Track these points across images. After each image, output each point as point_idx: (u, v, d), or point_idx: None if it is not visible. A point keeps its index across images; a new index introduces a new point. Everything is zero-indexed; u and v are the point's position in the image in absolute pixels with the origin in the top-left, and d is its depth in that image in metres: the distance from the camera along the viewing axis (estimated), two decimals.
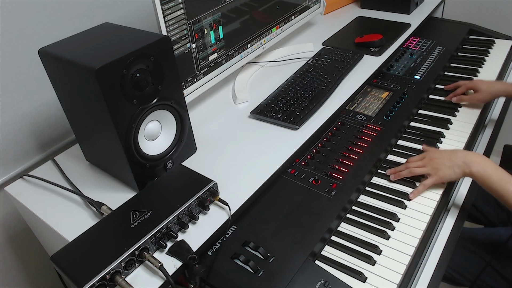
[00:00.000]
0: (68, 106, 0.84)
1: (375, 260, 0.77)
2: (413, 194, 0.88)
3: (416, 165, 0.90)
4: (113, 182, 0.87)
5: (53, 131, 1.09)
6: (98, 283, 0.62)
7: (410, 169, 0.90)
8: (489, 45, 1.43)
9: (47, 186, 0.88)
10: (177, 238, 0.72)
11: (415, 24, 1.45)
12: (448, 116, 1.12)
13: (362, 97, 1.17)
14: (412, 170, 0.89)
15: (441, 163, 0.86)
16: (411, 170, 0.90)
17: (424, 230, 0.82)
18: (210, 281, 0.71)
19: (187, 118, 0.86)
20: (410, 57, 1.34)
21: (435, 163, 0.87)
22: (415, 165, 0.90)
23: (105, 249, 0.66)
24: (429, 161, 0.89)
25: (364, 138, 1.01)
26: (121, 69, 0.70)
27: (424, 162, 0.89)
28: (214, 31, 1.01)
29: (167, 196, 0.76)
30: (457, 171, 0.85)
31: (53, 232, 0.78)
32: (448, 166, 0.86)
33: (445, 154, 0.88)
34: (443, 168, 0.86)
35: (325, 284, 0.70)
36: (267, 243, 0.76)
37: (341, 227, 0.84)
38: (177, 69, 0.80)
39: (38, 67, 1.00)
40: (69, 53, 0.73)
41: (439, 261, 0.79)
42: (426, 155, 0.91)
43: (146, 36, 0.76)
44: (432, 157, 0.89)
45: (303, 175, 0.91)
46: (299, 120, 0.99)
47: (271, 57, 1.32)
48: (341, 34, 1.45)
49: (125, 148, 0.75)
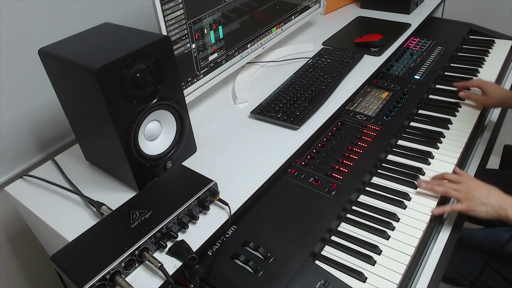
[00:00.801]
0: (68, 106, 0.84)
1: (375, 260, 0.77)
2: (436, 211, 0.86)
3: (452, 187, 0.88)
4: (113, 182, 0.87)
5: (53, 131, 1.09)
6: (98, 283, 0.62)
7: (446, 189, 0.88)
8: (489, 45, 1.43)
9: (47, 186, 0.88)
10: (177, 238, 0.72)
11: (415, 24, 1.45)
12: (448, 116, 1.12)
13: (362, 97, 1.17)
14: (449, 191, 0.87)
15: (477, 196, 0.84)
16: (447, 191, 0.87)
17: (424, 230, 0.82)
18: (210, 281, 0.71)
19: (187, 118, 0.86)
20: (410, 57, 1.34)
21: (470, 195, 0.85)
22: (451, 186, 0.88)
23: (105, 249, 0.66)
24: (465, 189, 0.86)
25: (364, 138, 1.01)
26: (121, 69, 0.70)
27: (460, 187, 0.87)
28: (214, 31, 1.01)
29: (167, 196, 0.76)
30: (490, 211, 0.83)
31: (53, 232, 0.78)
32: (482, 202, 0.84)
33: (483, 189, 0.86)
34: (476, 203, 0.84)
35: (325, 284, 0.70)
36: (267, 243, 0.76)
37: (341, 227, 0.84)
38: (177, 69, 0.80)
39: (38, 67, 1.00)
40: (69, 53, 0.73)
41: (439, 261, 0.79)
42: (463, 181, 0.88)
43: (146, 36, 0.76)
44: (469, 186, 0.87)
45: (303, 175, 0.91)
46: (299, 120, 0.99)
47: (271, 57, 1.32)
48: (341, 34, 1.45)
49: (125, 148, 0.75)
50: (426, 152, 1.00)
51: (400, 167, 0.97)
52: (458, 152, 1.00)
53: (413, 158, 0.99)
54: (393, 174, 0.96)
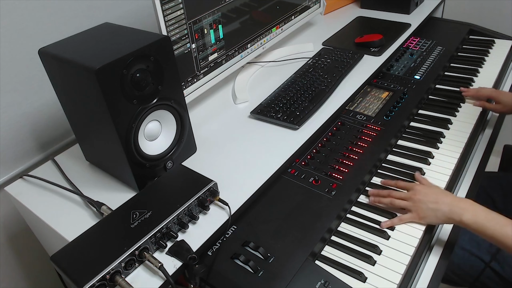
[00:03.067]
0: (68, 106, 0.84)
1: (375, 260, 0.77)
2: (385, 224, 0.82)
3: (399, 196, 0.84)
4: (113, 182, 0.88)
5: (53, 131, 1.09)
6: (98, 283, 0.62)
7: (391, 200, 0.84)
8: (489, 45, 1.43)
9: (47, 186, 0.88)
10: (177, 238, 0.72)
11: (415, 24, 1.45)
12: (448, 116, 1.12)
13: (362, 97, 1.17)
14: (393, 201, 0.84)
15: (425, 202, 0.80)
16: (392, 201, 0.84)
17: (424, 231, 0.82)
18: (210, 281, 0.71)
19: (187, 118, 0.86)
20: (410, 57, 1.34)
21: (418, 201, 0.81)
22: (398, 195, 0.84)
23: (105, 249, 0.66)
24: (413, 196, 0.82)
25: (364, 138, 1.01)
26: (121, 69, 0.70)
27: (408, 195, 0.83)
28: (214, 31, 1.01)
29: (167, 196, 0.76)
30: (440, 217, 0.79)
31: (53, 232, 0.78)
32: (431, 208, 0.79)
33: (432, 194, 0.81)
34: (425, 209, 0.80)
35: (325, 284, 0.70)
36: (267, 243, 0.76)
37: (341, 227, 0.84)
38: (177, 69, 0.80)
39: (38, 67, 1.00)
40: (69, 53, 0.73)
41: (439, 262, 0.79)
42: (413, 187, 0.84)
43: (146, 36, 0.76)
44: (418, 192, 0.82)
45: (303, 175, 0.91)
46: (299, 120, 0.99)
47: (271, 57, 1.32)
48: (341, 34, 1.45)
49: (125, 148, 0.75)
50: (426, 152, 1.00)
51: (400, 167, 0.97)
52: (458, 152, 1.00)
53: (413, 158, 0.99)
54: (393, 174, 0.96)
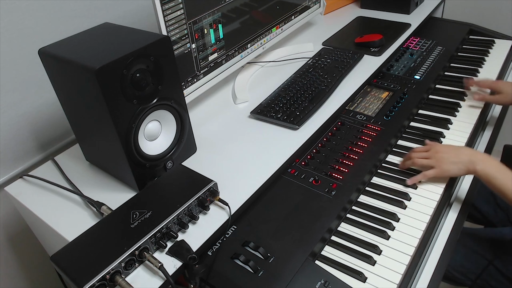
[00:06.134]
0: (68, 106, 0.84)
1: (375, 260, 0.77)
2: (410, 181, 0.87)
3: (421, 155, 0.89)
4: (113, 182, 0.87)
5: (53, 131, 1.09)
6: (98, 283, 0.62)
7: (413, 160, 0.89)
8: (489, 45, 1.43)
9: (47, 186, 0.88)
10: (177, 238, 0.72)
11: (415, 24, 1.45)
12: (448, 116, 1.12)
13: (362, 97, 1.17)
14: (416, 161, 0.89)
15: (447, 157, 0.86)
16: (414, 161, 0.89)
17: (424, 230, 0.82)
18: (210, 281, 0.71)
19: (187, 118, 0.86)
20: (410, 57, 1.34)
21: (440, 157, 0.86)
22: (420, 155, 0.89)
23: (105, 249, 0.66)
24: (434, 154, 0.88)
25: (364, 138, 1.01)
26: (121, 69, 0.70)
27: (429, 154, 0.88)
28: (214, 31, 1.01)
29: (167, 196, 0.76)
30: (461, 167, 0.84)
31: (53, 232, 0.78)
32: (453, 161, 0.85)
33: (451, 149, 0.87)
34: (447, 163, 0.85)
35: (325, 284, 0.70)
36: (267, 243, 0.76)
37: (341, 227, 0.84)
38: (177, 69, 0.80)
39: (38, 67, 1.00)
40: (69, 53, 0.73)
41: (439, 261, 0.79)
42: (431, 147, 0.90)
43: (146, 36, 0.76)
44: (438, 150, 0.88)
45: (303, 175, 0.91)
46: (299, 120, 0.99)
47: (271, 57, 1.32)
48: (341, 34, 1.45)
49: (125, 148, 0.75)
50: None
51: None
52: None
53: None
54: (393, 174, 0.95)
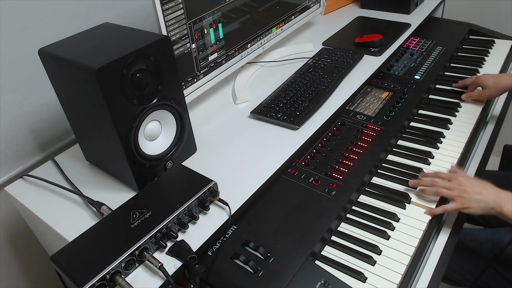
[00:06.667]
0: (68, 106, 0.84)
1: (375, 260, 0.77)
2: (429, 212, 0.85)
3: (444, 185, 0.85)
4: (113, 182, 0.87)
5: (53, 131, 1.09)
6: (98, 283, 0.62)
7: (437, 189, 0.85)
8: (489, 45, 1.43)
9: (47, 186, 0.88)
10: (177, 238, 0.72)
11: (415, 24, 1.45)
12: (448, 116, 1.12)
13: (362, 97, 1.17)
14: (440, 190, 0.85)
15: (470, 192, 0.82)
16: (438, 191, 0.85)
17: (424, 231, 0.82)
18: (210, 281, 0.71)
19: (187, 118, 0.86)
20: (410, 57, 1.34)
21: (462, 191, 0.83)
22: (443, 185, 0.85)
23: (105, 249, 0.66)
24: (457, 186, 0.84)
25: (364, 138, 1.01)
26: (121, 69, 0.70)
27: (452, 185, 0.85)
28: (214, 31, 1.01)
29: (167, 196, 0.76)
30: (484, 207, 0.81)
31: (53, 232, 0.78)
32: (476, 199, 0.81)
33: (476, 185, 0.84)
34: (469, 199, 0.82)
35: (325, 284, 0.70)
36: (267, 243, 0.76)
37: (341, 227, 0.84)
38: (177, 69, 0.80)
39: (38, 67, 1.00)
40: (69, 53, 0.73)
41: (439, 261, 0.79)
42: (455, 178, 0.86)
43: (146, 36, 0.76)
44: (462, 183, 0.84)
45: (303, 175, 0.91)
46: (299, 120, 0.99)
47: (271, 57, 1.32)
48: (341, 34, 1.45)
49: (125, 148, 0.75)
50: (426, 152, 1.00)
51: (400, 167, 0.97)
52: (458, 152, 1.00)
53: (413, 158, 0.99)
54: (393, 174, 0.96)
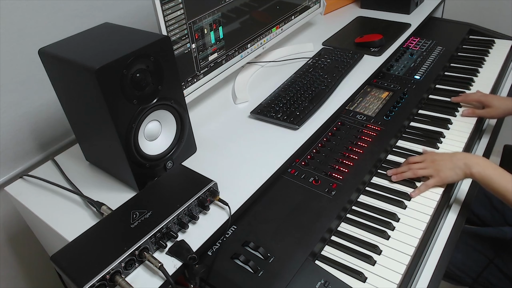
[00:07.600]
0: (68, 106, 0.84)
1: (375, 260, 0.77)
2: (414, 193, 0.89)
3: (418, 166, 0.91)
4: (113, 182, 0.87)
5: (53, 131, 1.09)
6: (98, 283, 0.62)
7: (413, 171, 0.91)
8: (489, 45, 1.43)
9: (47, 186, 0.88)
10: (177, 238, 0.72)
11: (415, 24, 1.45)
12: (448, 116, 1.12)
13: (362, 97, 1.17)
14: (415, 171, 0.91)
15: (443, 165, 0.88)
16: (415, 172, 0.91)
17: (424, 230, 0.82)
18: (210, 281, 0.71)
19: (187, 118, 0.86)
20: (410, 57, 1.34)
21: (436, 165, 0.89)
22: (417, 166, 0.91)
23: (105, 249, 0.66)
24: (430, 163, 0.90)
25: (364, 138, 1.01)
26: (121, 69, 0.70)
27: (426, 164, 0.91)
28: (214, 31, 1.01)
29: (167, 196, 0.76)
30: (458, 173, 0.86)
31: (53, 232, 0.78)
32: (449, 168, 0.87)
33: (446, 156, 0.90)
34: (445, 170, 0.88)
35: (325, 284, 0.70)
36: (267, 243, 0.76)
37: (341, 227, 0.84)
38: (177, 69, 0.80)
39: (38, 67, 1.00)
40: (69, 53, 0.73)
41: (439, 261, 0.79)
42: (426, 157, 0.92)
43: (146, 36, 0.76)
44: (434, 159, 0.91)
45: (303, 175, 0.91)
46: (299, 120, 0.99)
47: (271, 57, 1.32)
48: (341, 34, 1.45)
49: (125, 148, 0.75)
50: None
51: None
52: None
53: None
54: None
